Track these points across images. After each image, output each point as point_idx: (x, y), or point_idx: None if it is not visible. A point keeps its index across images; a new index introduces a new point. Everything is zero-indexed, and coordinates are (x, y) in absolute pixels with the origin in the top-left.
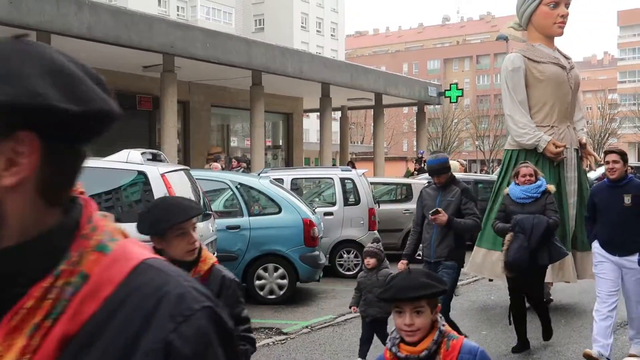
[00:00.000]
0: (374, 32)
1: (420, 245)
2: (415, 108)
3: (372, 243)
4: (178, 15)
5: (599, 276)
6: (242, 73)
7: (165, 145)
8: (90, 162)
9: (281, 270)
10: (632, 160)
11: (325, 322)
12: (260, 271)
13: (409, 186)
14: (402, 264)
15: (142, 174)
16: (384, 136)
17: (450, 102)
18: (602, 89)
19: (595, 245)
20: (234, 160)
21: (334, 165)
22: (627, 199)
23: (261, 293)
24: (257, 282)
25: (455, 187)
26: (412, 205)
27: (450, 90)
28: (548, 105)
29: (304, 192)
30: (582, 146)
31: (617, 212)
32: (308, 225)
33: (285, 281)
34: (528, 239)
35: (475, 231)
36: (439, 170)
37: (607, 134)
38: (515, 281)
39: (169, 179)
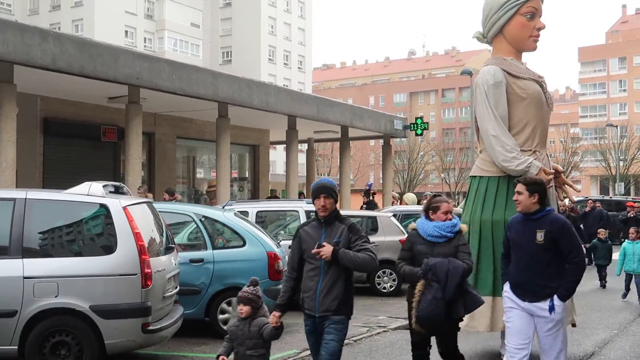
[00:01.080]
0: (341, 65)
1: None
2: (381, 141)
3: (247, 286)
4: (145, 46)
5: (507, 325)
6: (209, 105)
7: (130, 177)
8: (52, 195)
9: None
10: (594, 194)
11: (289, 357)
12: (224, 305)
13: (374, 219)
14: (274, 317)
15: (103, 207)
16: (351, 168)
17: (416, 135)
18: (564, 123)
19: (506, 288)
20: (165, 193)
21: (300, 194)
22: (540, 235)
23: (225, 327)
24: (221, 317)
25: (341, 225)
26: (377, 238)
27: (416, 123)
28: (530, 126)
29: (269, 224)
30: (557, 175)
31: (529, 250)
32: (272, 258)
33: None
34: (443, 288)
35: (370, 268)
36: (328, 189)
37: (570, 168)
38: (421, 334)
39: (131, 212)
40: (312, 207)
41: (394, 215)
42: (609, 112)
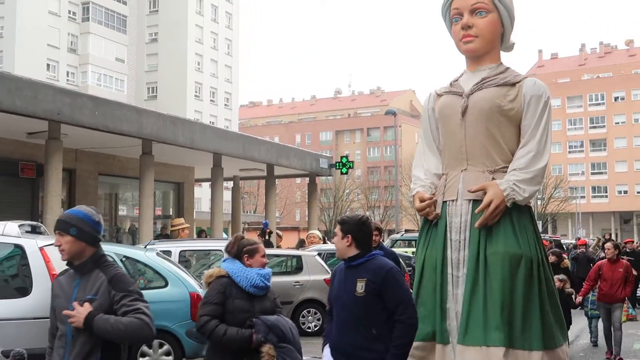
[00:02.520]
0: (267, 102)
1: None
2: (307, 178)
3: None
4: (68, 80)
5: None
6: (132, 142)
7: (48, 215)
8: None
9: (166, 347)
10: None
11: None
12: (144, 348)
13: (299, 258)
14: None
15: (19, 247)
16: (277, 206)
17: (341, 174)
18: None
19: (326, 352)
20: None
21: (201, 231)
22: (360, 286)
23: None
24: None
25: (101, 275)
26: (302, 277)
27: (341, 162)
28: (443, 147)
29: (193, 263)
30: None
31: (348, 305)
32: (195, 299)
33: (170, 358)
34: (298, 350)
35: (140, 338)
36: (62, 224)
37: None
38: None
39: (47, 253)
40: None
41: (319, 254)
42: None
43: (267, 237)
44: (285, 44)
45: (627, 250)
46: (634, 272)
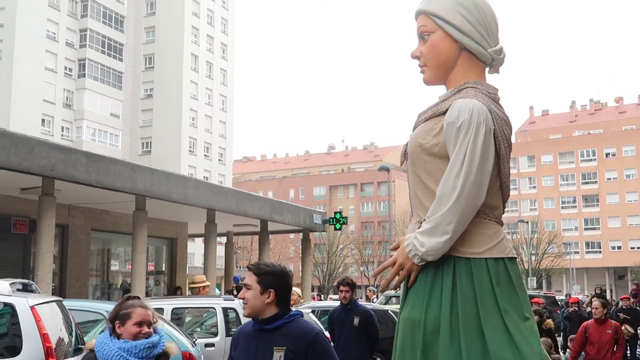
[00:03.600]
0: (261, 157)
1: None
2: (301, 234)
3: None
4: (62, 135)
5: None
6: (125, 197)
7: (40, 271)
8: None
9: None
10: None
11: None
12: None
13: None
14: None
15: (9, 306)
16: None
17: (335, 229)
18: None
19: None
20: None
21: (177, 289)
22: (278, 357)
23: None
24: None
25: None
26: None
27: (335, 217)
28: None
29: (186, 320)
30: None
31: None
32: (187, 358)
33: None
34: None
35: None
36: None
37: None
38: None
39: (39, 312)
40: (230, 304)
41: (312, 312)
42: (520, 208)
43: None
44: (279, 100)
45: (624, 307)
46: (631, 331)
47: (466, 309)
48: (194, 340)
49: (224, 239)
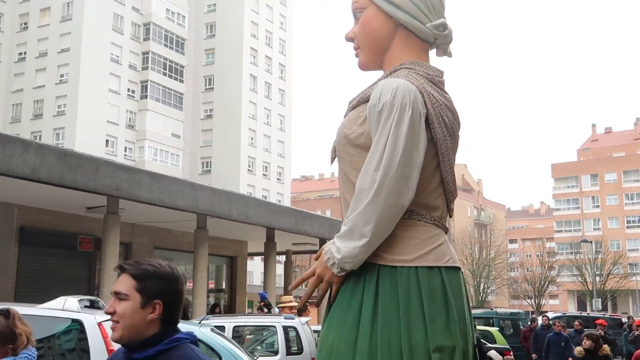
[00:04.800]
0: (319, 176)
1: None
2: None
3: None
4: (125, 155)
5: None
6: (187, 216)
7: (105, 288)
8: (25, 309)
9: None
10: (571, 309)
11: None
12: None
13: None
14: None
15: (77, 322)
16: None
17: None
18: (540, 237)
19: None
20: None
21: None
22: None
23: None
24: None
25: None
26: None
27: None
28: None
29: (246, 339)
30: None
31: None
32: None
33: None
34: None
35: None
36: None
37: (547, 282)
38: None
39: (106, 328)
40: (290, 323)
41: None
42: (583, 228)
43: (265, 310)
44: (336, 119)
45: None
46: None
47: (387, 328)
48: (255, 358)
49: (283, 258)
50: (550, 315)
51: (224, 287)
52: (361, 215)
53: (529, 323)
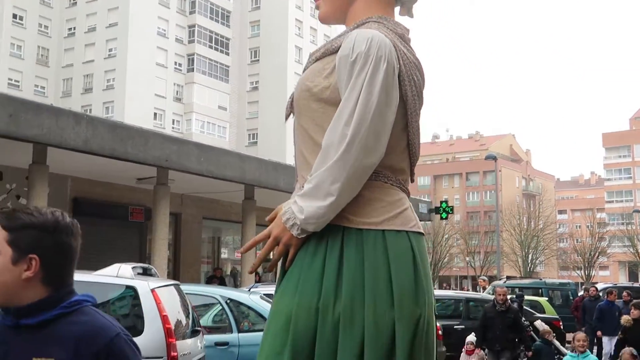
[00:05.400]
0: None
1: None
2: None
3: None
4: (173, 128)
5: None
6: (235, 187)
7: (156, 257)
8: (81, 276)
9: None
10: (622, 280)
11: None
12: None
13: None
14: None
15: (131, 288)
16: None
17: (441, 218)
18: (590, 208)
19: None
20: None
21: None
22: None
23: None
24: None
25: None
26: None
27: (440, 207)
28: None
29: None
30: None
31: None
32: None
33: None
34: None
35: None
36: None
37: (597, 253)
38: None
39: (159, 294)
40: None
41: None
42: (635, 198)
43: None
44: None
45: None
46: None
47: (351, 295)
48: None
49: None
50: (600, 286)
51: (271, 256)
52: (328, 173)
53: (581, 293)
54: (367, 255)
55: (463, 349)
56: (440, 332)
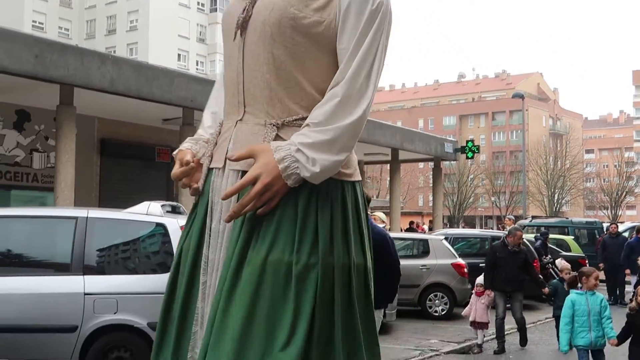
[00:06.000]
0: (390, 88)
1: None
2: (431, 163)
3: None
4: (197, 69)
5: None
6: None
7: (183, 197)
8: (112, 214)
9: None
10: None
11: None
12: None
13: (425, 242)
14: None
15: (161, 226)
16: (400, 191)
17: (467, 158)
18: (618, 147)
19: None
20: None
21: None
22: None
23: None
24: None
25: None
26: (429, 261)
27: (466, 146)
28: (223, 81)
29: None
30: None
31: None
32: None
33: None
34: None
35: None
36: None
37: (624, 192)
38: None
39: None
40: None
41: (446, 238)
42: None
43: None
44: (408, 29)
45: None
46: None
47: (339, 247)
48: None
49: None
50: (626, 225)
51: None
52: (351, 128)
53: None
54: (350, 207)
55: (473, 291)
56: (465, 270)
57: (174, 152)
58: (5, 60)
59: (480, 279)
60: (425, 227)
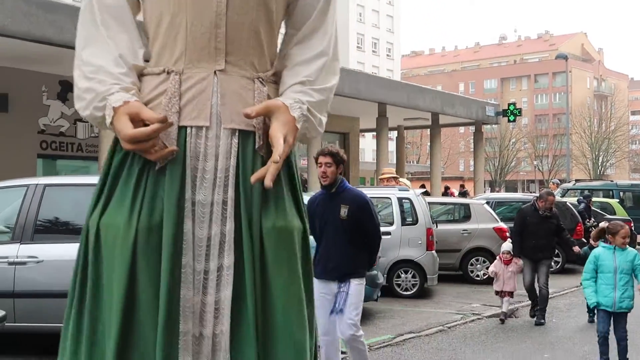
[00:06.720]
0: (429, 51)
1: None
2: (472, 128)
3: None
4: None
5: None
6: None
7: None
8: None
9: None
10: None
11: (383, 342)
12: None
13: (467, 206)
14: None
15: None
16: (440, 156)
17: (509, 121)
18: None
19: None
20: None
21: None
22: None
23: None
24: None
25: None
26: (470, 226)
27: (508, 109)
28: (165, 22)
29: None
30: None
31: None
32: None
33: None
34: None
35: None
36: None
37: None
38: None
39: None
40: (405, 194)
41: (487, 203)
42: None
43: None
44: None
45: None
46: None
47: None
48: None
49: (394, 134)
50: None
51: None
52: (333, 89)
53: None
54: (293, 168)
55: (498, 257)
56: (507, 234)
57: (114, 105)
58: (49, 31)
59: (506, 245)
60: (455, 191)
